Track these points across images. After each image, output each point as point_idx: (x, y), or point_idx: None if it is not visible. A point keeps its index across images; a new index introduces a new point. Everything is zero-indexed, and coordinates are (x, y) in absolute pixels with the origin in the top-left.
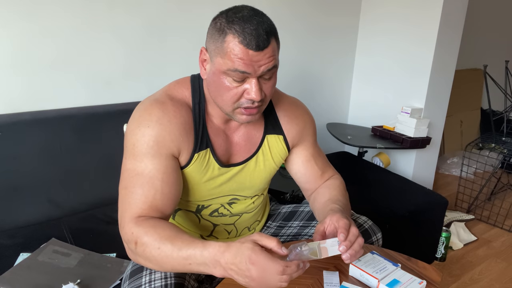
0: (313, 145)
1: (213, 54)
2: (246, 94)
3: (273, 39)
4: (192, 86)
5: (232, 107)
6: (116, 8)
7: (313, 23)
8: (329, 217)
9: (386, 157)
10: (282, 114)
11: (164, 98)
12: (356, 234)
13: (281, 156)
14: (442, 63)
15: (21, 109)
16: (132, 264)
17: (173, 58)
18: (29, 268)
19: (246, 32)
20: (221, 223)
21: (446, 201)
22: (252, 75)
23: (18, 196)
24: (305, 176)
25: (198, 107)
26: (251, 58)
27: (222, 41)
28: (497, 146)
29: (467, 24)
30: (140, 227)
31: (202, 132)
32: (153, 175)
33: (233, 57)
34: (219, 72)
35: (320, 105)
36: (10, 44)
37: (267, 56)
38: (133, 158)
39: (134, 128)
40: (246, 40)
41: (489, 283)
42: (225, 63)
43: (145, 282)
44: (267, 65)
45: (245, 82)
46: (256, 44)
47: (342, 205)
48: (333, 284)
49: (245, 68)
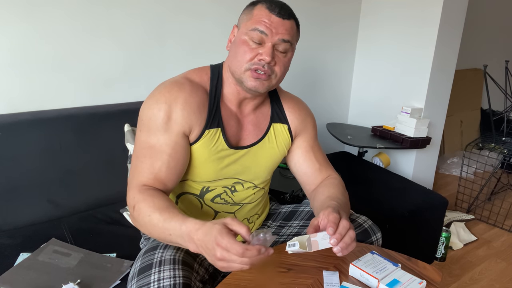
0: (313, 138)
1: (241, 23)
2: (259, 56)
3: (294, 21)
4: (212, 72)
5: (244, 67)
6: (115, 8)
7: (313, 23)
8: (322, 211)
9: (386, 157)
10: (287, 105)
11: (184, 80)
12: (347, 227)
13: (285, 144)
14: (442, 63)
15: (21, 109)
16: (140, 262)
17: (173, 58)
18: (29, 268)
19: (273, 3)
20: (222, 211)
21: (446, 201)
22: (269, 38)
23: (18, 196)
24: (303, 167)
25: (215, 89)
26: (271, 22)
27: (252, 9)
28: (497, 146)
29: (467, 24)
30: (141, 194)
31: (215, 112)
32: (163, 149)
33: (257, 18)
34: (242, 34)
35: (320, 105)
36: (10, 44)
37: (286, 27)
38: (147, 130)
39: (152, 103)
40: (271, 6)
41: (489, 283)
42: (249, 25)
43: (153, 280)
44: (283, 34)
45: (261, 47)
46: (278, 11)
47: (341, 202)
48: (333, 284)
49: (265, 28)
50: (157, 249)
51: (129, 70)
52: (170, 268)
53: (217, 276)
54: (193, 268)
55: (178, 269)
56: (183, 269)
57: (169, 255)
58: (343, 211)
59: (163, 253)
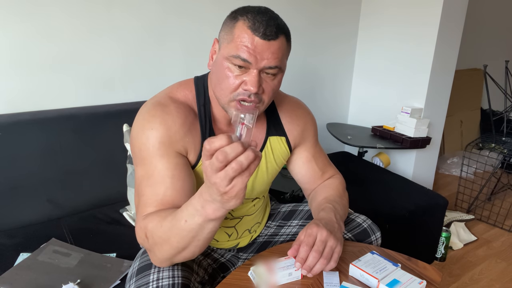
0: (314, 145)
1: (221, 41)
2: (244, 85)
3: (283, 37)
4: (196, 88)
5: (229, 98)
6: (115, 9)
7: (313, 23)
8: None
9: (386, 157)
10: (284, 115)
11: (166, 100)
12: (307, 245)
13: (283, 157)
14: (442, 63)
15: (21, 109)
16: (139, 262)
17: (173, 58)
18: (29, 268)
19: (257, 20)
20: (222, 226)
21: (446, 201)
22: (253, 65)
23: (18, 196)
24: (306, 177)
25: (203, 109)
26: (255, 47)
27: (233, 26)
28: (497, 146)
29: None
30: (146, 219)
31: (209, 134)
32: (164, 173)
33: (238, 42)
34: (223, 58)
35: (320, 105)
36: (10, 44)
37: (272, 50)
38: (141, 163)
39: (138, 132)
40: (254, 25)
41: (489, 283)
42: (230, 49)
43: (152, 280)
44: (270, 60)
45: (246, 74)
46: (263, 32)
47: (337, 205)
48: (333, 284)
49: (247, 56)
50: None
51: (129, 70)
52: (169, 268)
53: (216, 277)
54: (193, 269)
55: (177, 269)
56: (182, 269)
57: None
58: (337, 214)
59: None
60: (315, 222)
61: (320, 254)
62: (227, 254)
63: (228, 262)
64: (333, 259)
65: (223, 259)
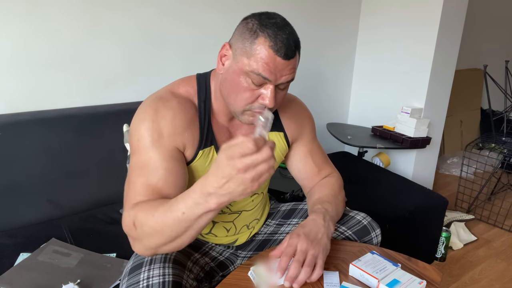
0: (311, 141)
1: (238, 53)
2: (261, 99)
3: (297, 53)
4: (198, 84)
5: (243, 108)
6: (115, 9)
7: (313, 23)
8: (285, 239)
9: (386, 157)
10: (282, 111)
11: (168, 95)
12: (286, 256)
13: (282, 152)
14: (442, 63)
15: (21, 109)
16: (132, 261)
17: (172, 58)
18: (29, 268)
19: (278, 39)
20: (221, 221)
21: (446, 201)
22: (272, 82)
23: (18, 196)
24: (303, 172)
25: (203, 104)
26: (276, 66)
27: (252, 42)
28: (497, 146)
29: (467, 24)
30: (136, 208)
31: (207, 130)
32: (158, 165)
33: (260, 60)
34: (241, 71)
35: (320, 105)
36: (10, 44)
37: (290, 67)
38: (138, 153)
39: (138, 123)
40: (277, 46)
41: (489, 283)
42: (250, 64)
43: (143, 279)
44: (288, 76)
45: (262, 87)
46: (285, 53)
47: (329, 206)
48: (333, 284)
49: (268, 74)
50: None
51: (129, 70)
52: (160, 267)
53: (214, 275)
54: (186, 266)
55: (168, 267)
56: (174, 267)
57: (160, 254)
58: (327, 215)
59: None
60: (296, 233)
61: (300, 264)
62: (226, 252)
63: (227, 260)
64: (318, 266)
65: (221, 257)
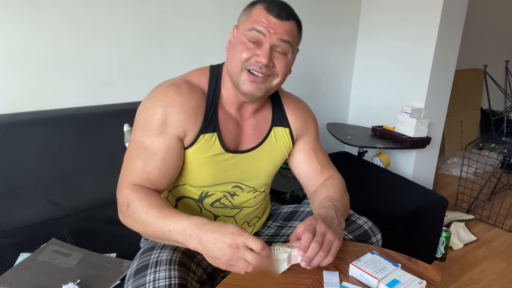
0: (314, 140)
1: (240, 23)
2: (256, 57)
3: (294, 22)
4: (211, 73)
5: (240, 67)
6: (115, 9)
7: (313, 23)
8: (303, 223)
9: (386, 157)
10: (288, 107)
11: (182, 82)
12: (310, 233)
13: (286, 148)
14: (442, 63)
15: (21, 109)
16: (137, 262)
17: (173, 58)
18: (29, 268)
19: (272, 4)
20: (222, 215)
21: (446, 201)
22: (267, 38)
23: (18, 196)
24: (305, 170)
25: (213, 92)
26: (269, 22)
27: (251, 9)
28: (497, 146)
29: (467, 24)
30: (135, 193)
31: (211, 116)
32: (156, 152)
33: (255, 18)
34: (240, 34)
35: (320, 105)
36: (11, 44)
37: (285, 28)
38: (142, 131)
39: (148, 105)
40: (270, 7)
41: (489, 283)
42: (247, 25)
43: (149, 281)
44: (282, 34)
45: (259, 48)
46: (276, 13)
47: (338, 203)
48: (333, 284)
49: (262, 28)
50: (154, 249)
51: (129, 70)
52: (166, 269)
53: (216, 277)
54: (190, 268)
55: (174, 270)
56: (179, 269)
57: (166, 256)
58: (338, 211)
59: (160, 254)
60: (313, 217)
61: (320, 245)
62: None
63: None
64: (330, 253)
65: None
